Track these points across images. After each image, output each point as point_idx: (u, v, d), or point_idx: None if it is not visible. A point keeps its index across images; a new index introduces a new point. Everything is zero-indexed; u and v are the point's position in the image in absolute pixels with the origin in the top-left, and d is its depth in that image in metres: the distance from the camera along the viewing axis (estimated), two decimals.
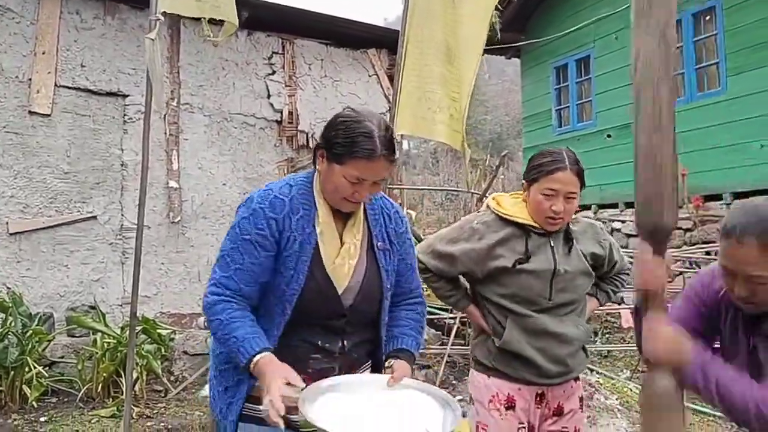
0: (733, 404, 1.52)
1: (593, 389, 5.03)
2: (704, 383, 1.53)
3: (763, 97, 7.70)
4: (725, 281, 1.66)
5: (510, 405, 2.31)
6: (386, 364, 1.87)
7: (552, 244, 2.33)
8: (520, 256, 2.29)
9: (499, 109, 25.53)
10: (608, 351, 7.34)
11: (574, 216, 2.45)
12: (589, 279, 2.41)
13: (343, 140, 1.74)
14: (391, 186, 6.41)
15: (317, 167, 1.84)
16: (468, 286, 2.48)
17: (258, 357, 1.68)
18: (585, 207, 10.21)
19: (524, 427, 2.33)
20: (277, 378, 1.62)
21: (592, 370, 6.00)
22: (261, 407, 1.80)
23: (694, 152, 8.27)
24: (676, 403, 1.52)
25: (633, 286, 1.62)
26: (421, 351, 2.08)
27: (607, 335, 7.93)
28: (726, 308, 1.74)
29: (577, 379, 2.44)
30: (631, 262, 2.24)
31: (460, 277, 2.47)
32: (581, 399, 2.45)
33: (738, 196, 8.00)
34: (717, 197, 8.26)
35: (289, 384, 1.61)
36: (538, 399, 2.35)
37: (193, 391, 4.89)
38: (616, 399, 4.98)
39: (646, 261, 1.53)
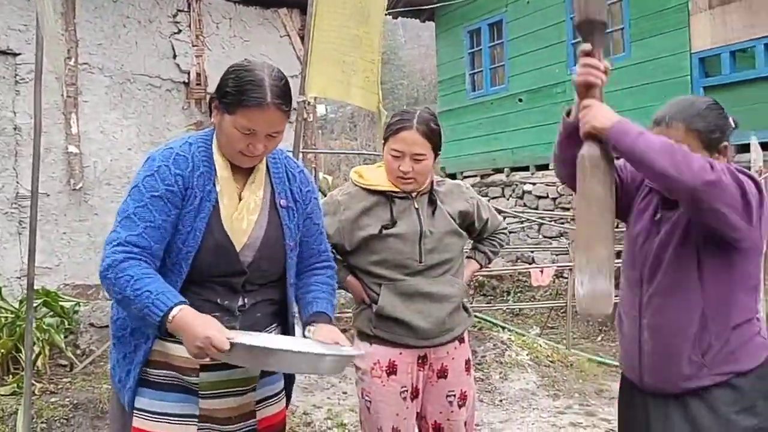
0: (656, 152, 1.64)
1: (505, 346, 5.20)
2: (635, 136, 1.66)
3: (663, 62, 8.05)
4: None
5: (391, 370, 2.33)
6: (306, 330, 1.86)
7: (417, 207, 2.35)
8: (386, 222, 2.31)
9: (415, 74, 25.59)
10: (519, 309, 7.62)
11: (440, 178, 2.49)
12: (459, 238, 2.43)
13: (233, 89, 1.71)
14: (306, 150, 6.30)
15: (212, 120, 1.80)
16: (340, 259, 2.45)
17: (178, 309, 1.59)
18: (498, 170, 10.43)
19: (406, 390, 2.34)
20: (211, 325, 1.59)
21: (503, 328, 6.20)
22: (157, 370, 1.76)
23: None
24: (604, 163, 1.73)
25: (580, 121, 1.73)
26: (336, 315, 2.07)
27: (518, 294, 8.21)
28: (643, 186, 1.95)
29: (462, 341, 2.46)
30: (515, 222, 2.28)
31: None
32: (468, 362, 2.48)
33: None
34: None
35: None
36: (420, 361, 2.37)
37: (102, 364, 4.69)
38: (527, 354, 5.17)
39: (588, 58, 1.70)
